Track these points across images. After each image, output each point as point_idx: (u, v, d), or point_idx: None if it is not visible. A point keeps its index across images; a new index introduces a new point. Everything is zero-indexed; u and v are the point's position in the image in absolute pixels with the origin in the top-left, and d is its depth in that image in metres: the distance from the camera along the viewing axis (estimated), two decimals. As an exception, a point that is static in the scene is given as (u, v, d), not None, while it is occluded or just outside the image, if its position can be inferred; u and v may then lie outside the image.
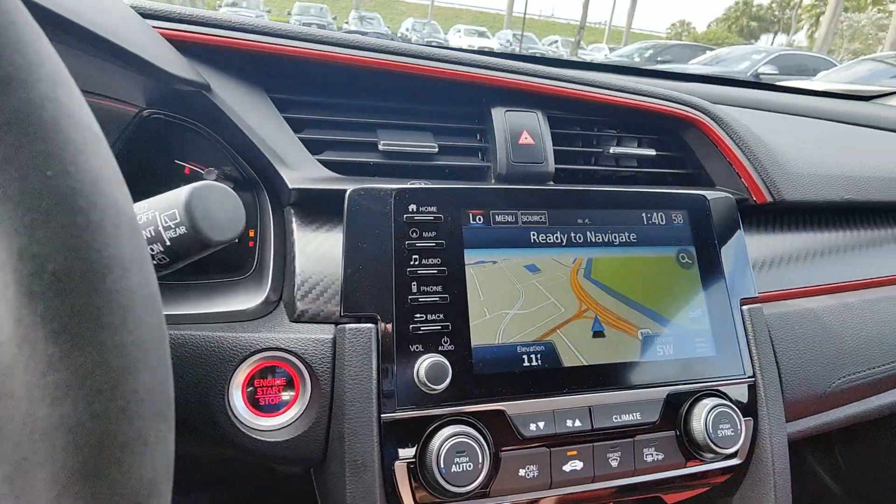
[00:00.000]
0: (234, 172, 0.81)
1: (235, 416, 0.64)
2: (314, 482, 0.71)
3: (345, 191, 0.69)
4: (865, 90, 1.92)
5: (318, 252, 0.72)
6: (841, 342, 0.87)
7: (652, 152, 0.92)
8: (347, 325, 0.65)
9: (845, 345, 0.87)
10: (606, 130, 0.94)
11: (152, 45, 0.67)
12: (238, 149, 0.77)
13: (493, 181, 0.83)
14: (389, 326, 0.65)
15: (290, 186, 0.71)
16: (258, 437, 0.64)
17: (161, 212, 0.47)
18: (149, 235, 0.47)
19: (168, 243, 0.47)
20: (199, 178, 0.84)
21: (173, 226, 0.47)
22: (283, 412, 0.66)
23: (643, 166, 0.94)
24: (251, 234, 0.76)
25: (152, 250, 0.47)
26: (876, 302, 0.94)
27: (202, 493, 0.85)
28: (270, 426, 0.65)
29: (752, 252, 0.89)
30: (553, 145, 0.85)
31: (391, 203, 0.69)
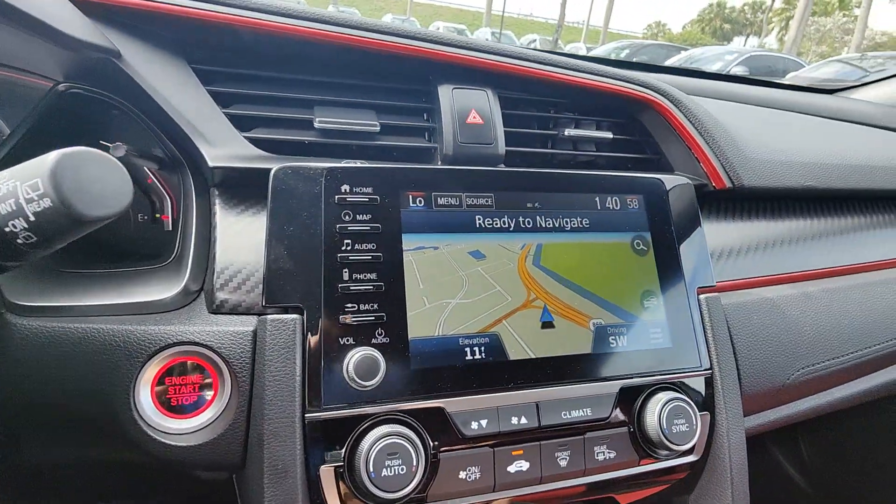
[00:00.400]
0: (157, 151, 0.75)
1: (142, 418, 0.58)
2: (236, 490, 0.65)
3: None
4: (830, 84, 1.93)
5: (242, 237, 0.65)
6: (800, 332, 0.85)
7: (609, 135, 0.88)
8: (269, 317, 0.59)
9: (804, 335, 0.85)
10: (563, 113, 0.90)
11: (51, 5, 0.60)
12: (158, 124, 0.70)
13: (439, 163, 0.77)
14: (317, 317, 0.59)
15: (211, 164, 0.65)
16: (168, 441, 0.58)
17: (22, 181, 0.40)
18: (9, 210, 0.40)
19: (32, 219, 0.41)
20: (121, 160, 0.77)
21: (36, 198, 0.40)
22: (199, 413, 0.60)
23: (601, 151, 0.90)
24: (164, 217, 0.69)
25: (14, 227, 0.41)
26: (836, 291, 0.91)
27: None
28: (183, 428, 0.59)
29: (710, 240, 0.86)
30: (505, 127, 0.80)
31: (321, 183, 0.64)
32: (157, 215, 0.81)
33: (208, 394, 0.60)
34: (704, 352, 0.75)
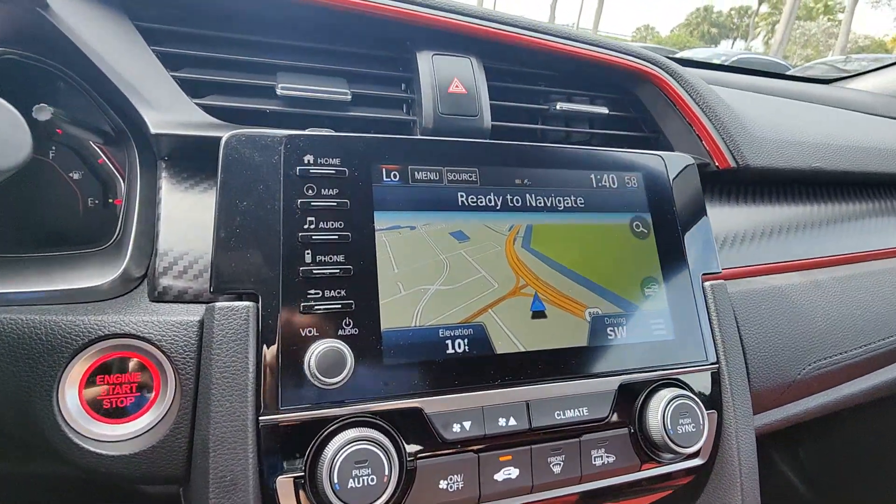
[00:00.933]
0: (103, 124, 0.66)
1: (67, 423, 0.49)
2: (183, 504, 0.57)
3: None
4: (824, 75, 1.89)
5: (190, 216, 0.57)
6: (811, 323, 0.78)
7: (604, 111, 0.81)
8: (217, 304, 0.51)
9: (815, 326, 0.78)
10: (555, 87, 0.82)
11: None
12: (99, 91, 0.62)
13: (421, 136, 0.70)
14: (274, 305, 0.52)
15: (153, 131, 0.57)
16: (98, 451, 0.49)
17: None
18: None
19: None
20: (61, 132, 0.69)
21: None
22: (137, 417, 0.51)
23: (596, 128, 0.83)
24: (117, 202, 0.61)
25: None
26: (847, 280, 0.85)
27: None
28: (117, 435, 0.50)
29: (714, 225, 0.79)
30: (491, 99, 0.73)
31: (281, 152, 0.56)
32: (111, 199, 0.73)
33: (149, 395, 0.52)
34: (711, 344, 0.68)
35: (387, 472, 0.49)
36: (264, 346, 0.51)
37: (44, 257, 0.59)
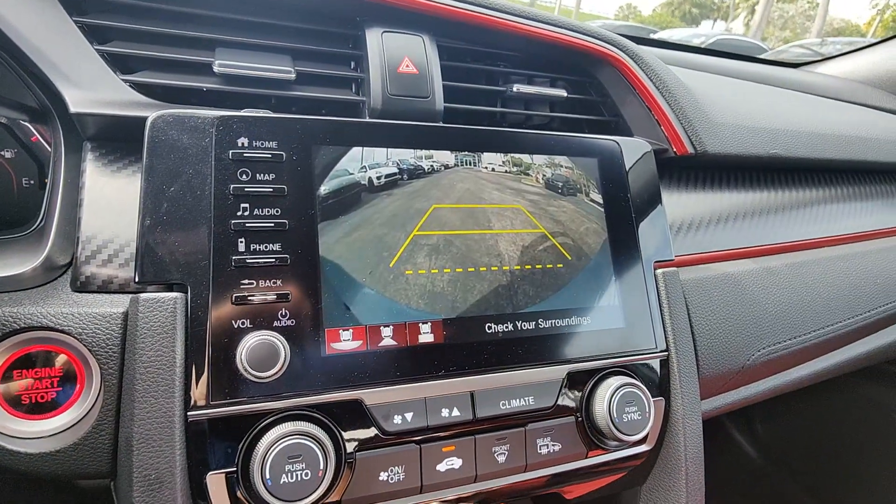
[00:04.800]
0: (28, 100, 0.62)
1: (-20, 421, 0.47)
2: (114, 500, 0.55)
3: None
4: (798, 58, 1.90)
5: (116, 201, 0.54)
6: (762, 310, 0.79)
7: (563, 94, 0.79)
8: (142, 296, 0.49)
9: (766, 313, 0.79)
10: (513, 68, 0.80)
11: None
12: (15, 60, 0.57)
13: (367, 119, 0.67)
14: (204, 296, 0.49)
15: (73, 110, 0.53)
16: (15, 448, 0.47)
17: None
18: None
19: None
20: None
21: None
22: (59, 413, 0.49)
23: (555, 111, 0.81)
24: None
25: None
26: (799, 266, 0.86)
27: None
28: (36, 432, 0.48)
29: (670, 211, 0.79)
30: (444, 80, 0.70)
31: (212, 134, 0.53)
32: (46, 180, 0.69)
33: (72, 389, 0.50)
34: (660, 332, 0.68)
35: (322, 466, 0.48)
36: (193, 339, 0.48)
37: (-43, 244, 0.55)
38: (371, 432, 0.53)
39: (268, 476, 0.46)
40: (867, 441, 1.43)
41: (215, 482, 0.48)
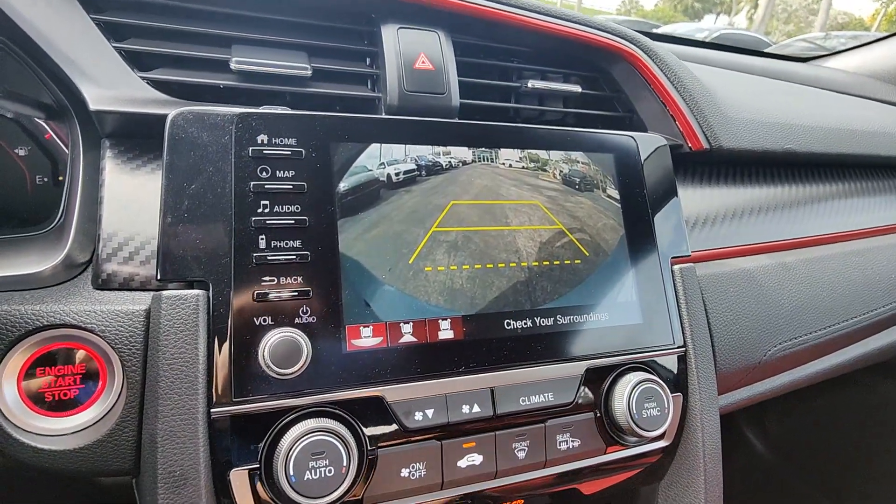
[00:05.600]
0: (44, 97, 0.62)
1: (5, 417, 0.47)
2: (136, 496, 0.55)
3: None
4: (803, 53, 1.89)
5: (136, 198, 0.54)
6: (778, 306, 0.79)
7: (577, 89, 0.78)
8: (165, 293, 0.49)
9: (782, 308, 0.79)
10: (528, 64, 0.80)
11: None
12: (33, 58, 0.57)
13: (383, 115, 0.67)
14: (226, 293, 0.49)
15: (92, 107, 0.53)
16: (40, 445, 0.47)
17: None
18: None
19: None
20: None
21: None
22: (82, 410, 0.49)
23: (569, 107, 0.81)
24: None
25: None
26: (814, 262, 0.86)
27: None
28: (60, 429, 0.48)
29: (685, 207, 0.78)
30: (460, 76, 0.70)
31: (232, 132, 0.53)
32: (60, 178, 0.69)
33: (95, 387, 0.50)
34: (678, 328, 0.68)
35: (345, 463, 0.48)
36: (215, 336, 0.48)
37: (-21, 242, 0.55)
38: (393, 429, 0.53)
39: (292, 473, 0.46)
40: (880, 438, 1.42)
41: (239, 479, 0.48)
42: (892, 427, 1.40)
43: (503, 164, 0.63)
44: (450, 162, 0.61)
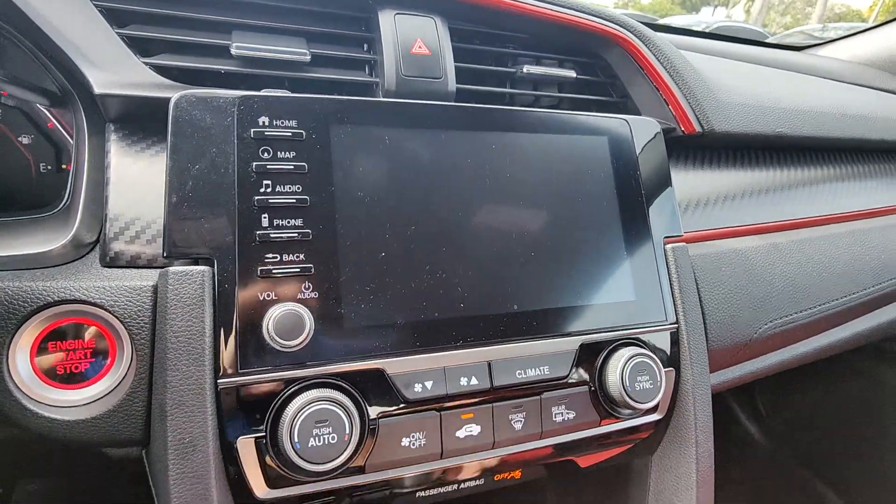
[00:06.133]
0: (48, 84, 0.63)
1: (19, 388, 0.48)
2: (147, 467, 0.57)
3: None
4: (798, 41, 1.90)
5: (141, 180, 0.56)
6: (769, 284, 0.80)
7: (572, 74, 0.80)
8: (171, 269, 0.50)
9: (773, 287, 0.81)
10: (524, 50, 0.81)
11: None
12: (37, 45, 0.58)
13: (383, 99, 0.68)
14: (230, 269, 0.51)
15: (97, 91, 0.54)
16: (52, 416, 0.49)
17: None
18: None
19: None
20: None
21: None
22: (93, 382, 0.51)
23: (564, 92, 0.82)
24: (69, 167, 0.59)
25: None
26: (804, 242, 0.88)
27: (30, 482, 0.68)
28: (72, 400, 0.50)
29: (678, 190, 0.80)
30: (456, 62, 0.71)
31: (234, 114, 0.54)
32: (64, 165, 0.70)
33: (105, 360, 0.51)
34: (670, 305, 0.70)
35: (347, 431, 0.50)
36: (221, 311, 0.50)
37: (-14, 223, 0.57)
38: (393, 400, 0.54)
39: (296, 440, 0.48)
40: (872, 421, 1.45)
41: (245, 446, 0.49)
42: (886, 410, 1.42)
43: (500, 145, 0.65)
44: (447, 144, 0.62)
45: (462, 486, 0.63)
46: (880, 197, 1.04)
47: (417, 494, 0.61)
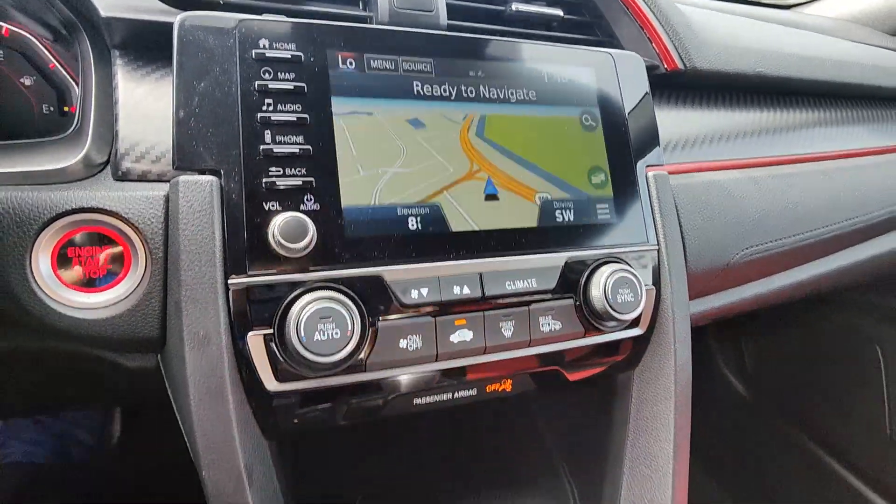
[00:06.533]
0: (49, 18, 0.66)
1: (43, 291, 0.52)
2: (164, 375, 0.61)
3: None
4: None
5: (148, 102, 0.59)
6: (745, 212, 0.85)
7: (559, 12, 0.83)
8: (182, 178, 0.54)
9: (749, 215, 0.85)
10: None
11: None
12: None
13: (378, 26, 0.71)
14: (237, 181, 0.54)
15: (103, 14, 0.57)
16: (76, 315, 0.53)
17: None
18: None
19: None
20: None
21: None
22: (111, 287, 0.55)
23: (552, 31, 0.85)
24: (72, 110, 0.61)
25: None
26: (781, 177, 0.92)
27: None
28: (92, 303, 0.54)
29: (661, 129, 0.83)
30: (447, -2, 0.74)
31: (236, 36, 0.57)
32: (66, 108, 0.72)
33: (120, 267, 0.55)
34: (652, 228, 0.74)
35: (350, 327, 0.54)
36: (229, 218, 0.54)
37: (3, 145, 0.60)
38: (391, 304, 0.58)
39: (302, 334, 0.52)
40: (853, 373, 1.50)
41: (254, 341, 0.53)
42: (863, 361, 1.48)
43: (489, 71, 0.68)
44: (439, 71, 0.65)
45: (456, 394, 0.68)
46: (855, 141, 1.08)
47: (414, 401, 0.66)
